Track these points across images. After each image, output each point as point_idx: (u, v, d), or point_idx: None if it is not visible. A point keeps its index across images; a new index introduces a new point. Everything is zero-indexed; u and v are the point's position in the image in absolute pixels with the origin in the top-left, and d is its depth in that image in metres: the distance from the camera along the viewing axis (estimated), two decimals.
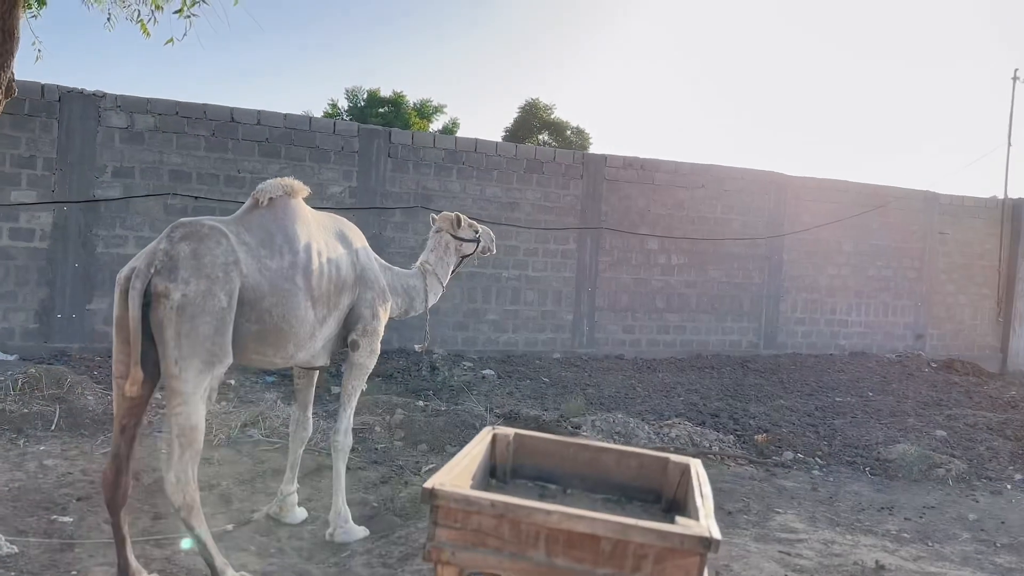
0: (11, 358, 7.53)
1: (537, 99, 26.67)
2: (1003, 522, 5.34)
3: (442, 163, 10.04)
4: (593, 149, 25.02)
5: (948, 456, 6.86)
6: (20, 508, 3.99)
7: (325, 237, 3.82)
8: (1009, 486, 6.37)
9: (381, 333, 4.07)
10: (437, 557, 2.00)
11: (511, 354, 10.29)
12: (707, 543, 1.91)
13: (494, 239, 4.98)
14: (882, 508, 5.42)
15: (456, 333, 10.17)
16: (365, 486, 4.79)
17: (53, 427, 5.35)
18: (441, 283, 4.65)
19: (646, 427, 6.64)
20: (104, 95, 8.42)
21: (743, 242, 11.78)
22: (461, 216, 4.74)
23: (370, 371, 4.07)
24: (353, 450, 5.43)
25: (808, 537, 4.64)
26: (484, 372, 8.97)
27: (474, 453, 2.42)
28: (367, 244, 4.21)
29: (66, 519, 3.90)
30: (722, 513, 4.97)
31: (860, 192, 12.53)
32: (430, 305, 4.58)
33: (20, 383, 5.73)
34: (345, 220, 4.15)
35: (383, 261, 4.38)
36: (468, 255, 4.80)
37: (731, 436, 6.89)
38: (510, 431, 2.71)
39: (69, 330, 8.19)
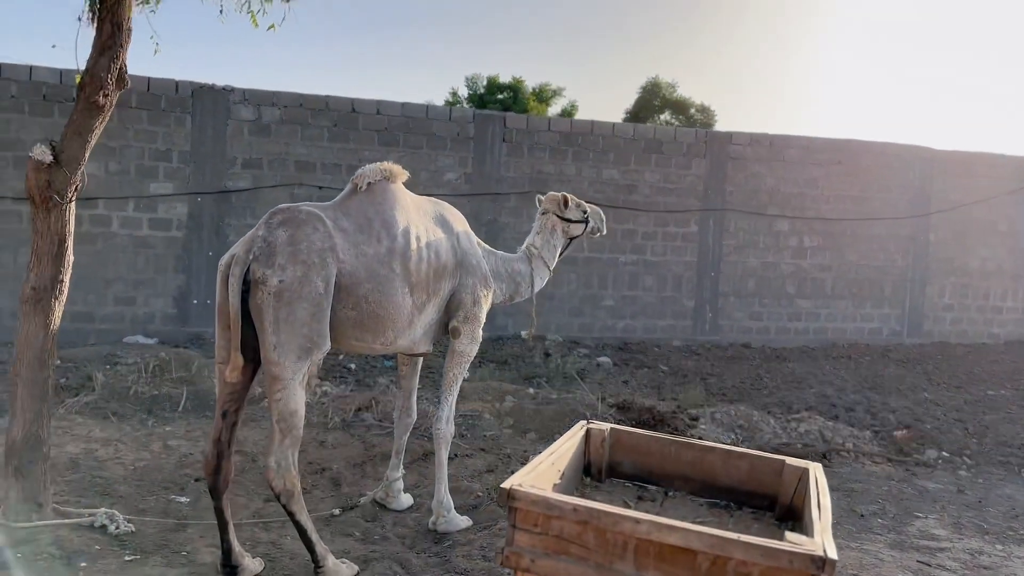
0: (152, 342, 7.99)
1: (658, 77, 25.87)
2: None
3: (557, 146, 9.85)
4: (718, 127, 24.04)
5: None
6: (142, 487, 4.16)
7: (424, 222, 3.73)
8: None
9: (483, 320, 3.96)
10: (515, 563, 1.85)
11: (628, 341, 10.01)
12: (820, 563, 1.67)
13: (604, 219, 4.75)
14: None
15: (572, 319, 10.00)
16: (471, 474, 4.72)
17: (180, 409, 5.59)
18: (548, 266, 4.49)
19: (771, 421, 6.25)
20: (233, 89, 8.76)
21: (884, 222, 10.96)
22: (568, 196, 4.55)
23: (471, 359, 3.96)
24: (461, 436, 5.38)
25: (952, 546, 4.18)
26: (599, 360, 8.75)
27: (563, 450, 2.26)
28: (469, 229, 4.10)
29: (183, 499, 4.03)
30: (854, 516, 4.57)
31: (1017, 166, 11.38)
32: (537, 289, 4.42)
33: (152, 366, 6.04)
34: (446, 204, 4.06)
35: (487, 246, 4.26)
36: (576, 236, 4.61)
37: (867, 432, 6.37)
38: (605, 426, 2.52)
39: (204, 315, 8.61)
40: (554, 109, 26.44)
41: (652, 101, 25.69)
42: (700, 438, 5.52)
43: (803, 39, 66.98)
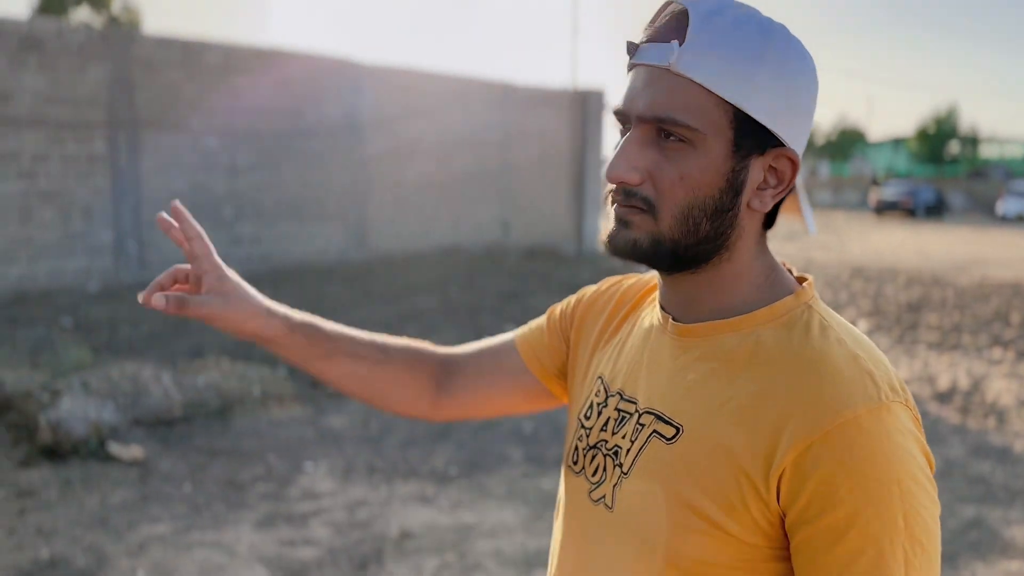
0: None
1: None
2: (557, 428, 5.02)
3: None
4: (148, 28, 21.06)
5: None
6: None
7: None
8: None
9: None
10: None
11: (25, 293, 8.05)
12: None
13: None
14: (436, 436, 4.77)
15: None
16: None
17: None
18: None
19: (166, 377, 5.25)
20: None
21: (321, 137, 10.58)
22: None
23: None
24: None
25: (332, 503, 3.73)
26: None
27: None
28: None
29: None
30: (231, 490, 3.86)
31: (441, 83, 11.98)
32: None
33: None
34: None
35: None
36: None
37: (282, 369, 5.81)
38: None
39: None
40: None
41: None
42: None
43: None
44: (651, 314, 0.89)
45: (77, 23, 10.52)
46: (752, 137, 0.75)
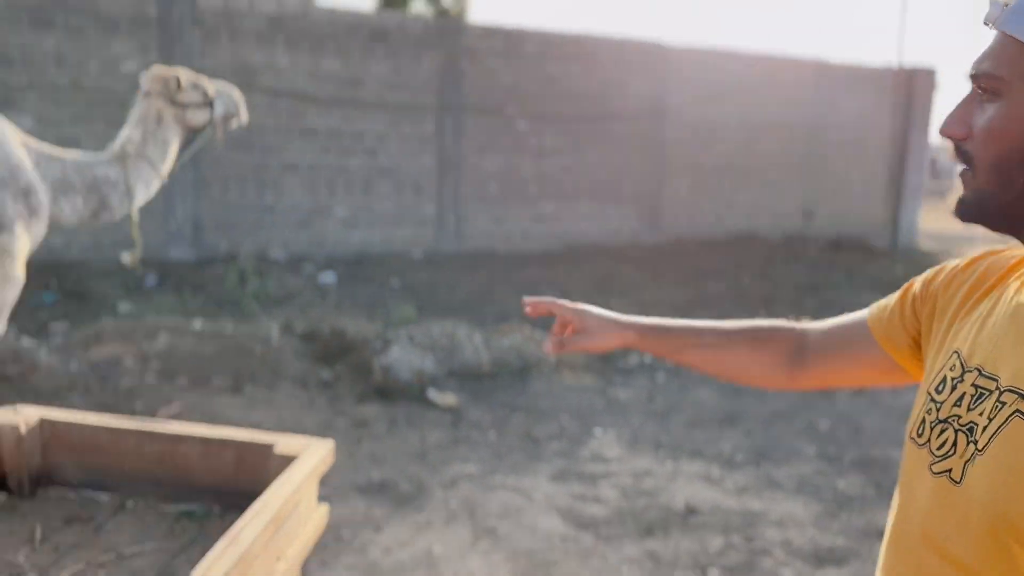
0: None
1: None
2: (858, 429, 4.75)
3: (264, 32, 8.61)
4: (474, 17, 22.48)
5: None
6: None
7: None
8: None
9: (17, 252, 2.97)
10: None
11: (365, 254, 9.26)
12: None
13: (241, 101, 3.71)
14: (722, 421, 4.75)
15: (299, 233, 9.05)
16: None
17: None
18: (156, 169, 3.46)
19: (477, 337, 5.79)
20: None
21: (622, 120, 10.80)
22: (183, 72, 3.50)
23: (7, 305, 2.99)
24: (88, 392, 4.42)
25: (619, 468, 3.91)
26: (323, 278, 7.95)
27: None
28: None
29: None
30: (528, 443, 4.20)
31: (745, 62, 11.58)
32: (141, 201, 3.41)
33: None
34: None
35: (50, 148, 3.21)
36: (201, 127, 3.58)
37: None
38: (34, 415, 1.74)
39: None
40: None
41: None
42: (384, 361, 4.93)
43: None
44: (1020, 290, 0.85)
45: (415, 15, 11.68)
46: None
